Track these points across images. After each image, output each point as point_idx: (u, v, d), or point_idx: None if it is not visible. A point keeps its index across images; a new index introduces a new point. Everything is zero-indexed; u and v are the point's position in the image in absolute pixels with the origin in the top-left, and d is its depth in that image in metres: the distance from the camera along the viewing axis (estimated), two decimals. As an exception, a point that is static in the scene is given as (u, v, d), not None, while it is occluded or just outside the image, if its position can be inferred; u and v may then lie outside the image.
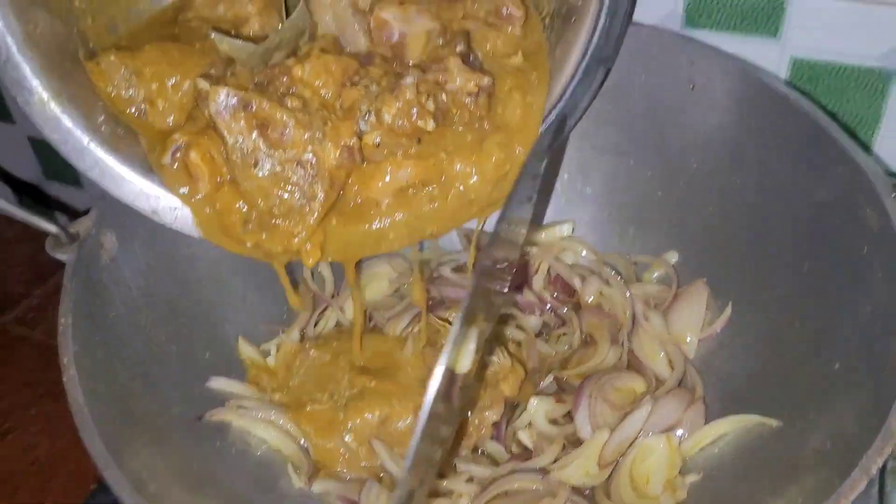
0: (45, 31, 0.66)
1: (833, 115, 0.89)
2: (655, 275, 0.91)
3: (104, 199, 0.75)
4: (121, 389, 0.70)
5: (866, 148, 0.90)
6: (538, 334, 0.90)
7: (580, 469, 0.76)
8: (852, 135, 0.89)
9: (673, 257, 0.90)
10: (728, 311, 0.84)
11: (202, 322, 0.84)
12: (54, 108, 0.66)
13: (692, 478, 0.75)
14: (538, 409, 0.81)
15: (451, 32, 0.71)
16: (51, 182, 1.42)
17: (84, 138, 0.67)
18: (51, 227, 0.72)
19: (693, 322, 0.85)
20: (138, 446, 0.67)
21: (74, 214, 1.40)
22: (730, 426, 0.76)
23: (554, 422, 0.81)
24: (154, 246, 0.80)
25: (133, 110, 0.68)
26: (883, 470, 0.85)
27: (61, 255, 0.72)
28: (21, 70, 0.64)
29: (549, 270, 0.92)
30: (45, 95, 0.65)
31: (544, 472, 0.76)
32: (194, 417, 0.77)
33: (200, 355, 0.82)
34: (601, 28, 0.72)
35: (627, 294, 0.88)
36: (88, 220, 0.75)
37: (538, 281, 0.91)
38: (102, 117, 0.68)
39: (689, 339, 0.85)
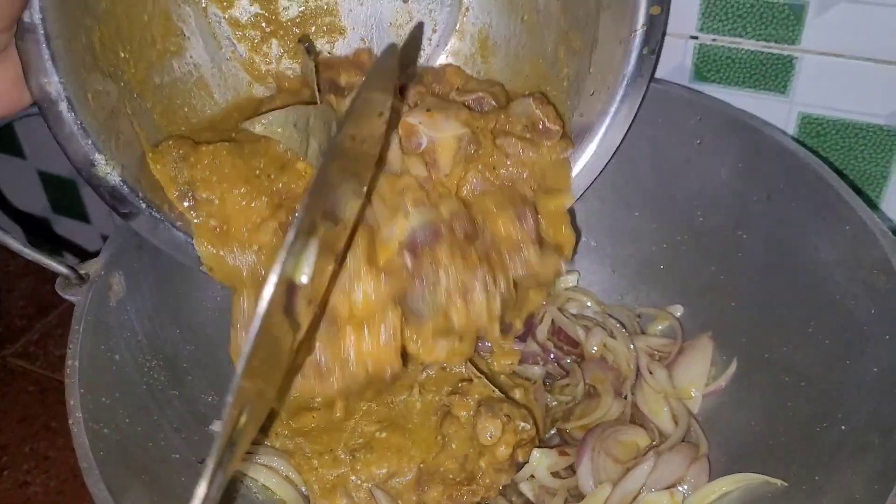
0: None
1: (840, 173, 0.90)
2: (660, 328, 0.91)
3: (114, 240, 0.76)
4: (123, 433, 0.69)
5: (873, 206, 0.91)
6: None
7: None
8: (859, 192, 0.89)
9: (678, 311, 0.90)
10: (733, 366, 0.84)
11: (205, 366, 0.83)
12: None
13: (697, 537, 0.74)
14: (541, 461, 0.80)
15: (481, 140, 0.72)
16: (59, 217, 1.42)
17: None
18: (61, 269, 0.72)
19: (698, 377, 0.84)
20: (140, 490, 0.67)
21: (82, 251, 1.43)
22: (734, 484, 0.75)
23: (556, 474, 0.81)
24: (161, 289, 0.81)
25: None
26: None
27: (71, 297, 0.72)
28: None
29: (552, 321, 0.91)
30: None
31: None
32: (196, 461, 0.77)
33: (203, 399, 0.82)
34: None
35: (631, 346, 0.87)
36: (98, 261, 0.75)
37: (542, 331, 0.91)
38: None
39: (693, 393, 0.84)
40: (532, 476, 0.81)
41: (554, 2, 0.80)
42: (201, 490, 0.48)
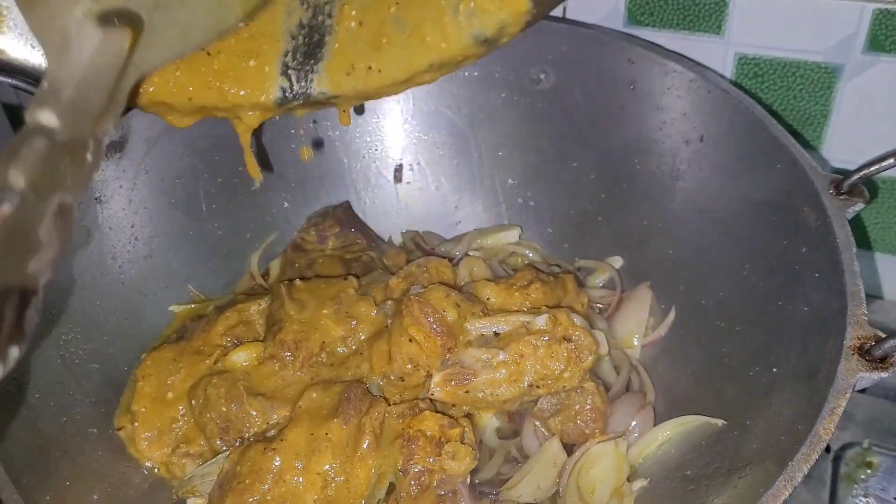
0: None
1: (779, 114, 0.87)
2: (598, 280, 0.88)
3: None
4: (33, 409, 0.67)
5: (814, 146, 0.88)
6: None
7: (531, 486, 0.73)
8: (798, 133, 0.87)
9: (617, 262, 0.88)
10: (672, 315, 0.82)
11: (127, 338, 0.81)
12: None
13: (639, 483, 0.72)
14: (488, 424, 0.78)
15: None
16: None
17: None
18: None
19: (637, 326, 0.82)
20: (50, 468, 0.64)
21: None
22: (675, 427, 0.74)
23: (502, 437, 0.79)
24: (78, 260, 0.78)
25: None
26: (835, 474, 0.83)
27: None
28: None
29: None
30: None
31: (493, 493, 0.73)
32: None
33: (124, 371, 0.79)
34: None
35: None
36: None
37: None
38: None
39: (634, 342, 0.82)
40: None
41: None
42: None
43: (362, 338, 0.76)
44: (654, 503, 0.69)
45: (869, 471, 0.82)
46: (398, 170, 0.97)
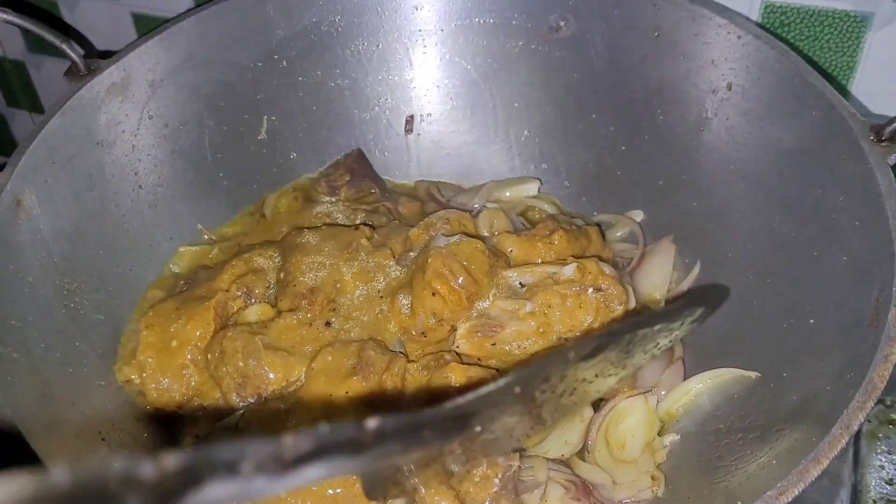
0: None
1: (808, 61, 0.84)
2: (619, 234, 0.86)
3: (21, 152, 0.69)
4: (37, 358, 0.64)
5: (843, 94, 0.86)
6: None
7: (559, 441, 0.70)
8: (828, 80, 0.84)
9: (638, 216, 0.86)
10: (696, 269, 0.79)
11: (133, 290, 0.77)
12: None
13: (671, 438, 0.70)
14: None
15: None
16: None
17: None
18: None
19: (661, 281, 0.80)
20: (52, 420, 0.61)
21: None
22: (707, 381, 0.71)
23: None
24: (80, 206, 0.74)
25: None
26: (858, 432, 0.81)
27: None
28: None
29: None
30: None
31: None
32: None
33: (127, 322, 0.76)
34: None
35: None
36: (3, 175, 0.68)
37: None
38: None
39: (658, 297, 0.80)
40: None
41: None
42: None
43: (380, 289, 0.73)
44: (689, 458, 0.67)
45: (892, 427, 0.81)
46: (409, 121, 0.93)
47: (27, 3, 1.12)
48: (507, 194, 0.89)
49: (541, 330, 0.69)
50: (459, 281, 0.69)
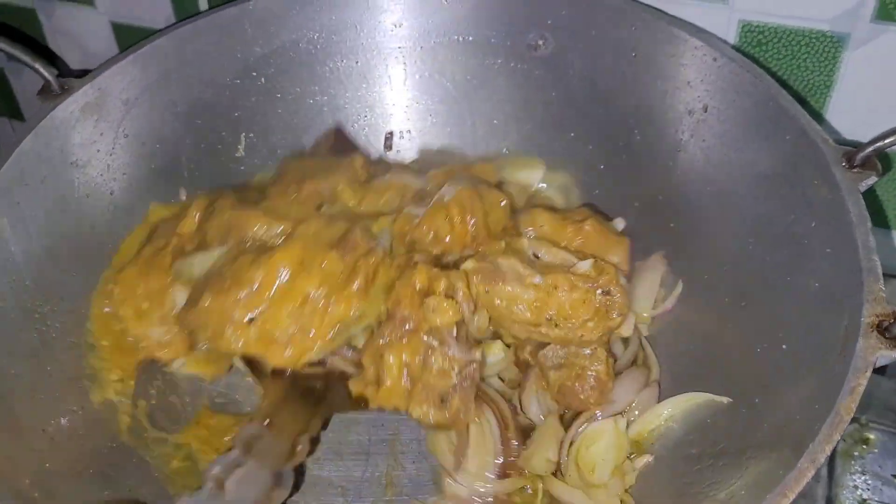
0: None
1: (783, 82, 0.85)
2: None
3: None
4: (6, 385, 0.63)
5: (817, 116, 0.86)
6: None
7: (541, 458, 0.71)
8: (803, 102, 0.85)
9: (620, 223, 0.84)
10: (679, 287, 0.79)
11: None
12: None
13: (642, 460, 0.70)
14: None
15: None
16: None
17: None
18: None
19: (647, 298, 0.80)
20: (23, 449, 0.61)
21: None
22: (679, 404, 0.72)
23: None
24: (53, 229, 0.74)
25: None
26: (833, 451, 0.81)
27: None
28: None
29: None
30: None
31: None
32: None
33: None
34: None
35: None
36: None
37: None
38: None
39: (645, 315, 0.80)
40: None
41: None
42: None
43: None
44: (659, 482, 0.67)
45: (865, 447, 0.81)
46: (388, 137, 0.93)
47: (2, 10, 1.11)
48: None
49: (536, 305, 0.70)
50: (472, 222, 0.71)
